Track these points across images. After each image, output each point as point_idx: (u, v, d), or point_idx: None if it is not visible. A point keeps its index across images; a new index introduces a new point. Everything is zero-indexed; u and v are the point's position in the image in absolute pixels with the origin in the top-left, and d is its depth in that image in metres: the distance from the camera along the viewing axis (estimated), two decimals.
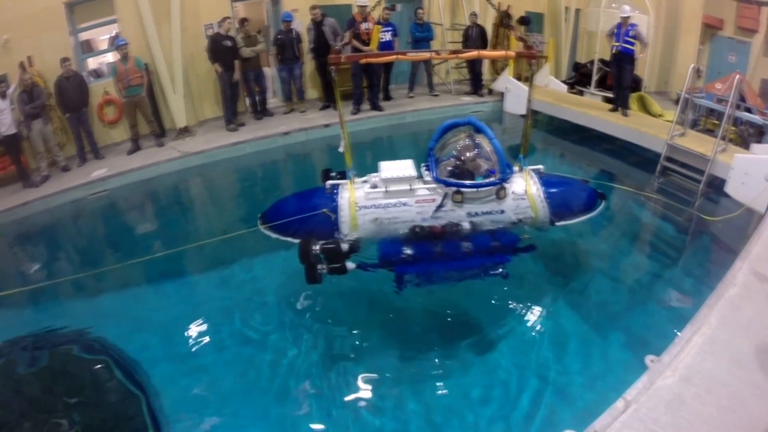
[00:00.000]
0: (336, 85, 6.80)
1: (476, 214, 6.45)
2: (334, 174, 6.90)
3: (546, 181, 6.71)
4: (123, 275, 8.16)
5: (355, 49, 13.49)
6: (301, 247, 6.01)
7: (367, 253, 6.57)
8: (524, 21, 16.78)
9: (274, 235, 6.73)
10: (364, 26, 13.71)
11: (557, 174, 7.30)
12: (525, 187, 6.57)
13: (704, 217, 8.24)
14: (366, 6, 13.52)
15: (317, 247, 5.98)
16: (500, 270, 6.38)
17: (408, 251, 6.22)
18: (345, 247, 6.13)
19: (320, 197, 6.64)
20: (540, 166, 6.87)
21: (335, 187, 6.67)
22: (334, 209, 6.44)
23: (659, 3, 17.36)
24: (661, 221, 8.75)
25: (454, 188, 6.33)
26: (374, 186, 6.51)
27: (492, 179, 6.39)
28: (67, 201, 11.29)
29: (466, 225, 6.35)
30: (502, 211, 6.49)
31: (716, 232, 8.14)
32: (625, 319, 6.34)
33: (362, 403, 5.47)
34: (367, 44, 13.70)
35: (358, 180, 6.75)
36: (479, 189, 6.34)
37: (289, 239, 6.60)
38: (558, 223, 6.66)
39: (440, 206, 6.37)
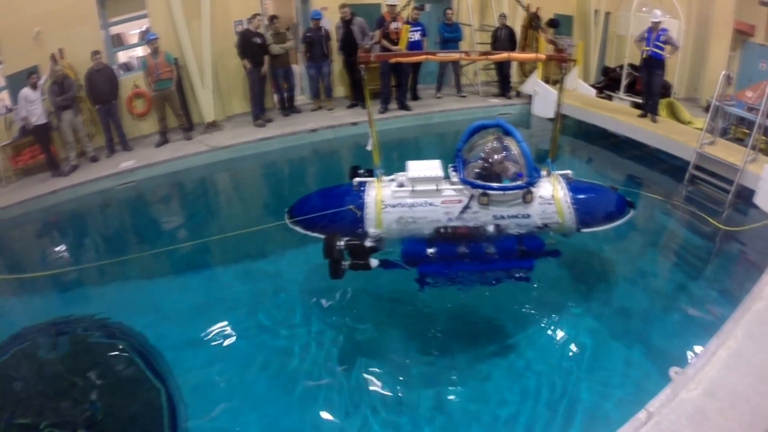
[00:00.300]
0: (366, 83, 6.78)
1: (502, 217, 6.39)
2: (362, 171, 6.91)
3: (574, 186, 6.63)
4: (147, 265, 8.28)
5: (384, 49, 13.48)
6: (326, 243, 6.05)
7: (391, 251, 6.59)
8: (553, 23, 16.62)
9: (299, 230, 6.77)
10: (393, 26, 13.70)
11: (585, 180, 7.23)
12: (552, 192, 6.49)
13: (720, 226, 8.10)
14: (395, 5, 13.51)
15: (342, 243, 6.04)
16: (523, 276, 6.36)
17: (431, 251, 6.24)
18: (369, 244, 6.17)
19: (347, 194, 6.65)
20: (568, 171, 6.81)
21: (362, 184, 6.69)
22: (361, 206, 6.45)
23: (690, 8, 17.18)
24: (689, 231, 8.63)
25: (480, 190, 6.29)
26: (401, 185, 6.50)
27: (519, 182, 6.34)
28: (95, 191, 11.44)
29: (491, 227, 6.33)
30: (528, 215, 6.42)
31: (744, 244, 8.01)
32: (649, 329, 6.27)
33: (379, 404, 5.45)
34: (396, 44, 13.70)
35: (386, 178, 6.74)
36: (506, 192, 6.29)
37: (315, 234, 6.62)
38: (584, 230, 6.58)
39: (466, 207, 6.34)
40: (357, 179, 6.76)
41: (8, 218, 10.70)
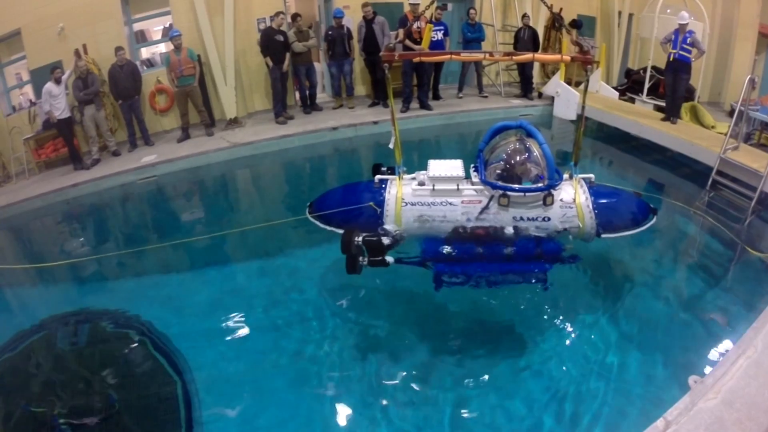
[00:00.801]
0: (389, 81, 6.77)
1: (521, 219, 6.32)
2: (384, 169, 6.94)
3: (596, 191, 6.52)
4: (166, 259, 8.40)
5: (406, 48, 13.45)
6: (344, 238, 6.05)
7: (408, 249, 6.55)
8: (576, 24, 16.52)
9: (320, 225, 6.82)
10: (416, 25, 13.66)
11: (608, 185, 7.14)
12: (573, 196, 6.39)
13: (753, 252, 7.77)
14: (418, 4, 13.47)
15: (360, 239, 6.05)
16: (540, 279, 6.24)
17: (449, 250, 6.19)
18: (387, 241, 6.16)
19: (368, 191, 6.66)
20: (591, 176, 6.68)
21: (383, 181, 6.68)
22: (381, 203, 6.46)
23: (714, 10, 17.02)
24: (709, 238, 8.48)
25: (500, 191, 6.23)
26: (421, 183, 6.48)
27: (540, 185, 6.27)
28: (116, 184, 11.57)
29: (509, 229, 6.27)
30: (548, 219, 6.33)
31: (765, 252, 7.91)
32: (668, 336, 6.19)
33: (393, 402, 5.42)
34: (419, 43, 13.70)
35: (407, 176, 6.74)
36: (526, 194, 6.22)
37: (334, 229, 6.65)
38: (604, 236, 6.45)
39: (485, 208, 6.28)
40: (378, 176, 6.76)
41: (30, 210, 10.85)
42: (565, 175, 6.63)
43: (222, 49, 13.68)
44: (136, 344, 6.37)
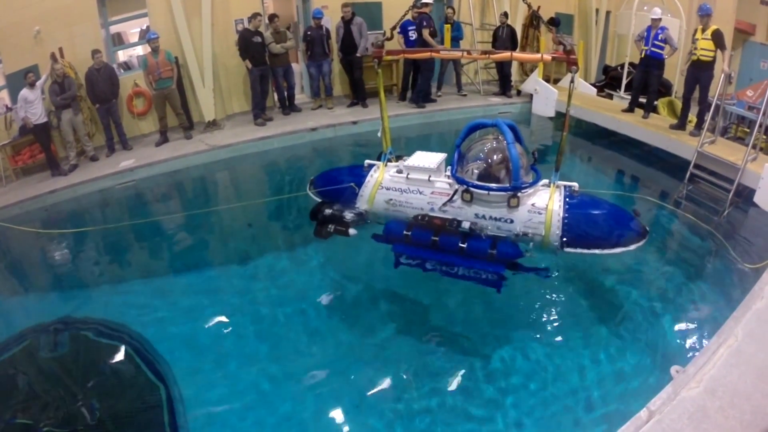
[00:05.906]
0: (380, 75, 7.32)
1: (483, 216, 6.41)
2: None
3: (579, 201, 6.39)
4: (146, 264, 8.52)
5: (427, 45, 13.92)
6: (314, 207, 6.96)
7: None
8: (554, 22, 16.56)
9: (314, 197, 7.57)
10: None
11: (595, 196, 6.99)
12: (546, 202, 6.29)
13: (746, 266, 7.38)
14: (431, 3, 14.10)
15: (329, 211, 6.80)
16: (493, 282, 6.22)
17: (407, 233, 6.48)
18: (349, 216, 6.78)
19: (358, 173, 7.31)
20: (574, 184, 6.55)
21: (371, 166, 7.34)
22: (361, 185, 7.07)
23: (691, 7, 17.08)
24: (687, 231, 8.56)
25: (464, 186, 6.37)
26: (400, 171, 6.95)
27: (504, 185, 6.28)
28: (94, 190, 11.45)
29: (465, 224, 6.28)
30: (511, 221, 6.31)
31: (744, 244, 7.97)
32: (650, 328, 6.23)
33: (382, 404, 5.45)
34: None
35: (392, 164, 7.28)
36: (489, 192, 6.29)
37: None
38: (568, 249, 6.23)
39: (449, 201, 6.52)
40: (368, 161, 7.39)
41: (8, 217, 10.68)
42: (546, 180, 6.61)
43: (200, 50, 13.60)
44: (118, 352, 6.34)
